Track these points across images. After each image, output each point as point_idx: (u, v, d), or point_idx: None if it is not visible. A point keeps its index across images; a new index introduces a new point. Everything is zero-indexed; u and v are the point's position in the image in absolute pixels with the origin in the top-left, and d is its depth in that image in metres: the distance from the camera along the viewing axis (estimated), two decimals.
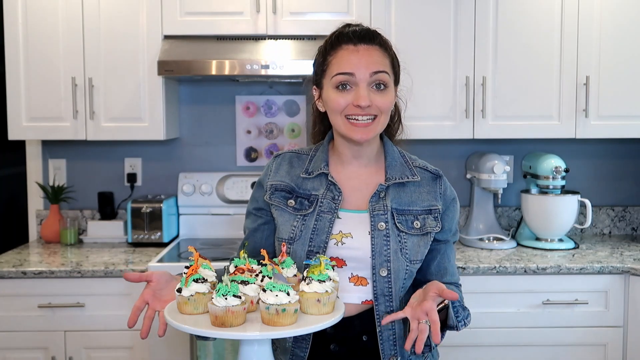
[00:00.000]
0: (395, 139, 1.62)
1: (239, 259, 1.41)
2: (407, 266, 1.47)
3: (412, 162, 1.56)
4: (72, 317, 2.53)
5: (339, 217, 1.49)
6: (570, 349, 2.54)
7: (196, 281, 1.31)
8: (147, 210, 2.89)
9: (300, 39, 2.75)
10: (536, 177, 2.89)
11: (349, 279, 1.47)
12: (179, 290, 1.32)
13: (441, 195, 1.54)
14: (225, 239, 3.03)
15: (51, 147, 3.15)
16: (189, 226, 3.09)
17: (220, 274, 1.39)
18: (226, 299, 1.23)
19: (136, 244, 2.93)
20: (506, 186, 2.89)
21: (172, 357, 2.53)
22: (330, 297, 1.32)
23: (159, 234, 2.90)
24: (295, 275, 1.41)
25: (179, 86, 3.13)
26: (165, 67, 2.66)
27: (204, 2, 2.74)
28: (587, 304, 2.53)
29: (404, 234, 1.47)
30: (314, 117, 1.63)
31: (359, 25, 1.51)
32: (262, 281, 1.34)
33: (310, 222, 1.48)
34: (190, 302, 1.30)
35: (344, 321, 1.35)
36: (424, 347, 1.45)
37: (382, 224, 1.47)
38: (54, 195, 3.02)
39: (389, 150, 1.56)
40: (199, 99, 3.16)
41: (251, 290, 1.31)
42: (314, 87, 1.56)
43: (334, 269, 1.41)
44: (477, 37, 2.76)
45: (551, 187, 2.86)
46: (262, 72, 2.66)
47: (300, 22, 2.75)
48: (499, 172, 2.82)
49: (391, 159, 1.55)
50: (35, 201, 3.17)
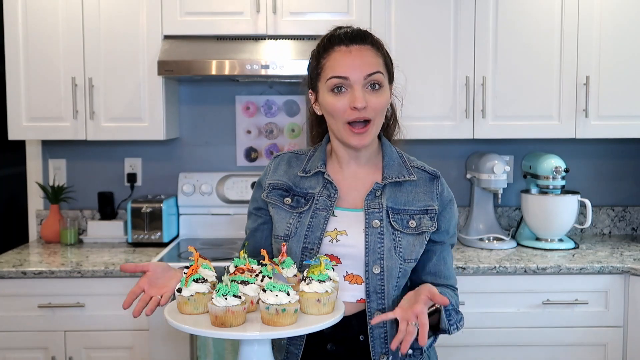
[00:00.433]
0: (393, 139, 1.62)
1: (239, 259, 1.41)
2: (401, 265, 1.47)
3: (410, 163, 1.56)
4: (72, 317, 2.53)
5: (334, 215, 1.49)
6: (570, 349, 2.54)
7: (196, 281, 1.31)
8: (147, 210, 2.89)
9: (300, 39, 2.75)
10: (536, 177, 2.89)
11: (344, 277, 1.48)
12: (179, 290, 1.32)
13: (438, 195, 1.54)
14: (225, 239, 3.03)
15: (51, 147, 3.15)
16: (189, 226, 3.09)
17: (220, 273, 1.40)
18: (226, 299, 1.23)
19: (136, 244, 2.93)
20: (506, 186, 2.89)
21: (172, 357, 2.53)
22: (330, 297, 1.32)
23: (159, 234, 2.90)
24: (295, 275, 1.41)
25: (179, 86, 3.13)
26: (165, 67, 2.66)
27: (204, 2, 2.74)
28: (587, 304, 2.53)
29: (399, 232, 1.47)
30: (311, 120, 1.64)
31: (349, 27, 1.51)
32: (262, 281, 1.34)
33: (305, 220, 1.49)
34: (190, 302, 1.31)
35: (341, 320, 1.35)
36: (415, 350, 1.46)
37: (377, 221, 1.47)
38: (54, 195, 3.02)
39: (387, 150, 1.56)
40: (199, 99, 3.16)
41: (251, 290, 1.32)
42: (310, 90, 1.55)
43: (333, 269, 1.41)
44: (477, 37, 2.76)
45: (551, 187, 2.86)
46: (262, 72, 2.66)
47: (300, 22, 2.75)
48: (499, 172, 2.82)
49: (389, 159, 1.55)
50: (35, 201, 3.17)
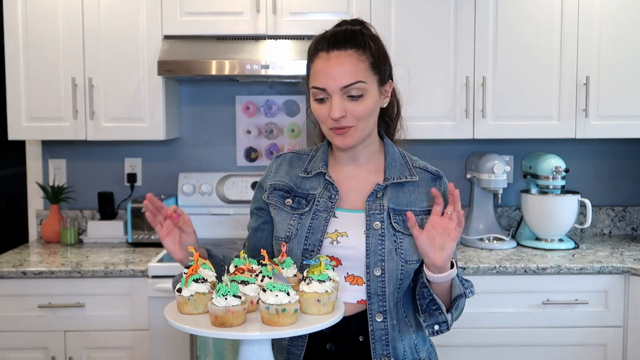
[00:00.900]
0: (395, 138, 1.61)
1: (239, 259, 1.41)
2: (403, 266, 1.45)
3: (412, 163, 1.55)
4: (72, 317, 2.53)
5: (335, 217, 1.49)
6: (570, 349, 2.54)
7: (196, 281, 1.31)
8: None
9: (300, 39, 2.75)
10: (536, 177, 2.89)
11: (345, 278, 1.47)
12: (179, 290, 1.32)
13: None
14: (225, 239, 3.03)
15: (51, 147, 3.15)
16: None
17: (228, 260, 1.46)
18: (226, 299, 1.23)
19: (136, 244, 2.93)
20: (506, 186, 2.89)
21: (172, 357, 2.53)
22: (330, 297, 1.32)
23: None
24: (295, 275, 1.41)
25: (179, 86, 3.13)
26: (165, 67, 2.66)
27: (204, 2, 2.74)
28: (587, 304, 2.53)
29: (400, 233, 1.46)
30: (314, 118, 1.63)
31: (345, 25, 1.49)
32: (262, 281, 1.34)
33: (306, 221, 1.48)
34: (190, 302, 1.30)
35: (341, 321, 1.34)
36: (441, 324, 1.44)
37: (378, 223, 1.46)
38: (54, 195, 3.02)
39: (389, 150, 1.55)
40: (199, 99, 3.16)
41: (251, 290, 1.31)
42: (308, 89, 1.55)
43: (334, 269, 1.41)
44: (477, 37, 2.76)
45: (551, 187, 2.86)
46: (262, 72, 2.66)
47: (300, 22, 2.75)
48: (499, 172, 2.82)
49: (391, 159, 1.54)
50: (35, 201, 3.17)
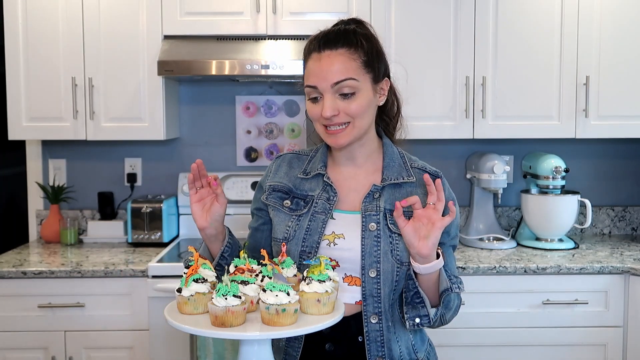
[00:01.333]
0: (395, 137, 1.60)
1: (239, 259, 1.41)
2: (398, 268, 1.44)
3: (411, 163, 1.54)
4: (72, 317, 2.53)
5: (333, 218, 1.49)
6: (570, 349, 2.54)
7: (196, 281, 1.31)
8: (147, 210, 2.89)
9: (300, 39, 2.75)
10: (536, 177, 2.89)
11: (343, 278, 1.47)
12: (179, 290, 1.32)
13: None
14: None
15: (51, 147, 3.15)
16: (188, 226, 3.08)
17: (235, 245, 1.49)
18: (226, 299, 1.23)
19: (136, 244, 2.93)
20: (506, 186, 2.89)
21: (172, 357, 2.53)
22: (330, 297, 1.32)
23: (159, 234, 2.90)
24: (295, 275, 1.41)
25: (179, 86, 3.13)
26: (165, 67, 2.66)
27: (204, 2, 2.74)
28: (587, 304, 2.53)
29: (396, 235, 1.45)
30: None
31: (341, 25, 1.49)
32: (262, 281, 1.34)
33: (304, 223, 1.48)
34: (190, 302, 1.30)
35: (340, 321, 1.34)
36: (422, 317, 1.42)
37: (374, 224, 1.46)
38: (54, 195, 3.02)
39: (387, 150, 1.55)
40: (199, 99, 3.16)
41: (251, 290, 1.32)
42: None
43: (334, 269, 1.41)
44: (477, 37, 2.76)
45: (551, 187, 2.86)
46: (262, 72, 2.66)
47: (300, 22, 2.75)
48: (499, 172, 2.82)
49: (389, 160, 1.53)
50: (35, 201, 3.17)
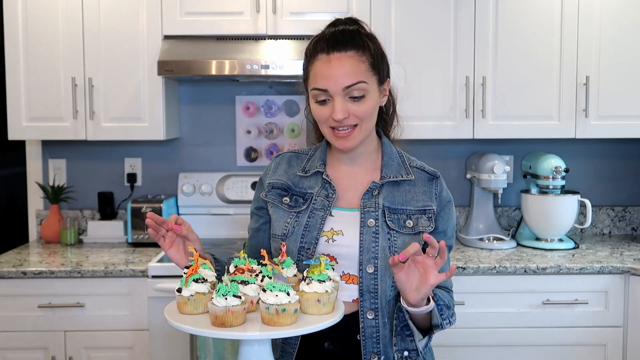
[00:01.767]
0: (393, 137, 1.61)
1: (239, 259, 1.41)
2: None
3: (409, 162, 1.56)
4: (72, 317, 2.53)
5: (331, 215, 1.49)
6: (570, 349, 2.54)
7: (196, 281, 1.31)
8: (147, 210, 2.89)
9: (300, 39, 2.75)
10: (536, 177, 2.89)
11: (341, 277, 1.48)
12: (179, 290, 1.32)
13: (437, 196, 1.53)
14: (225, 239, 3.03)
15: (51, 147, 3.15)
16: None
17: (223, 268, 1.46)
18: (226, 299, 1.23)
19: (136, 244, 2.93)
20: (506, 186, 2.89)
21: (172, 357, 2.53)
22: (330, 297, 1.32)
23: None
24: (295, 275, 1.41)
25: (179, 86, 3.13)
26: (165, 67, 2.66)
27: (204, 2, 2.74)
28: (587, 304, 2.53)
29: (394, 232, 1.47)
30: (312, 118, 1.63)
31: (340, 25, 1.48)
32: (262, 281, 1.34)
33: (302, 219, 1.49)
34: (190, 302, 1.30)
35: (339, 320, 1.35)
36: (411, 351, 1.44)
37: (372, 220, 1.47)
38: (54, 195, 3.02)
39: (386, 150, 1.56)
40: (199, 99, 3.16)
41: (251, 290, 1.32)
42: (306, 90, 1.55)
43: (333, 269, 1.41)
44: (477, 37, 2.76)
45: (551, 187, 2.86)
46: (262, 72, 2.66)
47: (300, 22, 2.75)
48: (499, 172, 2.82)
49: (388, 158, 1.55)
50: (35, 201, 3.17)
